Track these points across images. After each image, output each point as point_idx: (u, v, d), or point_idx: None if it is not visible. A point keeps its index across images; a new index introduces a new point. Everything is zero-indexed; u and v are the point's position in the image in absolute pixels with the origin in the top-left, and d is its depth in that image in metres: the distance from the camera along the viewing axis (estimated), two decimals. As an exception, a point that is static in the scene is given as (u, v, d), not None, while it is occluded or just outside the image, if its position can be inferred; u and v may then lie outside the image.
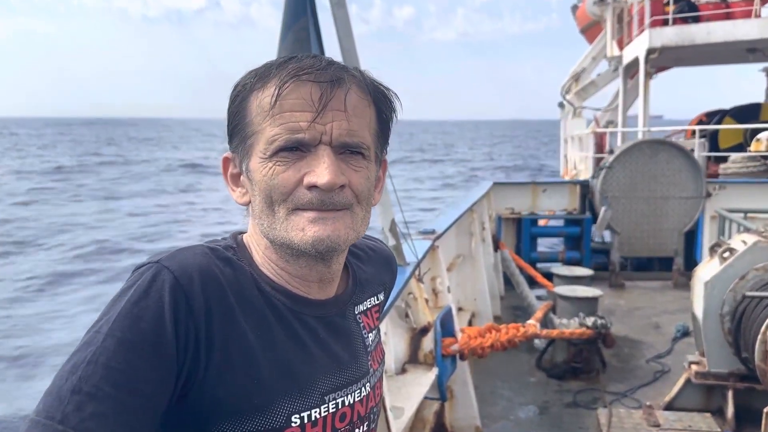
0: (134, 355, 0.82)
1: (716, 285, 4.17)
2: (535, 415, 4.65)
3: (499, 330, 4.19)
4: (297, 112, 0.92)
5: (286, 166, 0.93)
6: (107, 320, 0.85)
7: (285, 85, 0.92)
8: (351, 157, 0.95)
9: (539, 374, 5.32)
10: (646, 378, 5.18)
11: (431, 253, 4.08)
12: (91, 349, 0.82)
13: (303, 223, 0.93)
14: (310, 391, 0.96)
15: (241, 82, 0.98)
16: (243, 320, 0.92)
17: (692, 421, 4.18)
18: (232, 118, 0.98)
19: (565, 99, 14.03)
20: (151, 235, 17.86)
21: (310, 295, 1.02)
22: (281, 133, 0.92)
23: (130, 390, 0.81)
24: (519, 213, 8.48)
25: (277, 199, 0.94)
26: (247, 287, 0.96)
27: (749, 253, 4.13)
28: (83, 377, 0.80)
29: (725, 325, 4.15)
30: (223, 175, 1.03)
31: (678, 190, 8.08)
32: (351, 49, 2.91)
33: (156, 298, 0.86)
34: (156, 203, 24.73)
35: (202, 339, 0.88)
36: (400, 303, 3.46)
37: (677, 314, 6.60)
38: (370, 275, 1.17)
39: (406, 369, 3.42)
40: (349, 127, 0.94)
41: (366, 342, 1.10)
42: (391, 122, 1.03)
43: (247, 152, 0.96)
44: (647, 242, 8.21)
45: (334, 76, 0.94)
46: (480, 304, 6.00)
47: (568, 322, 5.23)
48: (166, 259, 0.91)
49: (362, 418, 1.05)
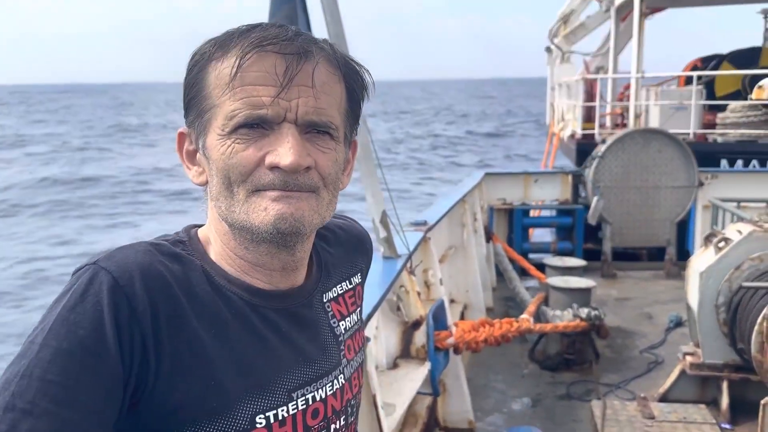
0: (72, 365, 0.75)
1: (711, 275, 4.12)
2: (528, 408, 4.60)
3: (492, 324, 4.14)
4: (259, 86, 0.84)
5: (246, 144, 0.85)
6: (42, 329, 0.77)
7: (247, 55, 0.84)
8: (318, 137, 0.88)
9: (532, 366, 5.27)
10: (640, 369, 5.15)
11: (423, 244, 4.01)
12: (24, 362, 0.75)
13: (265, 203, 0.86)
14: (274, 389, 0.89)
15: (200, 50, 0.89)
16: (194, 319, 0.85)
17: (687, 412, 4.15)
18: (189, 89, 0.90)
19: (552, 43, 13.36)
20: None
21: (273, 285, 0.94)
22: (241, 108, 0.84)
23: (70, 404, 0.73)
24: (511, 204, 8.43)
25: (235, 180, 0.86)
26: (198, 283, 0.88)
27: (745, 242, 4.09)
28: (17, 393, 0.72)
29: (720, 315, 4.11)
30: (177, 152, 0.95)
31: (670, 180, 8.04)
32: (339, 35, 2.83)
33: (93, 302, 0.78)
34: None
35: (150, 342, 0.80)
36: (391, 296, 3.38)
37: (670, 304, 6.57)
38: (338, 258, 1.09)
39: (398, 364, 3.36)
40: (316, 104, 0.86)
41: (336, 331, 1.02)
42: (362, 101, 0.95)
43: (204, 128, 0.88)
44: (639, 232, 8.18)
45: (301, 48, 0.85)
46: (472, 295, 5.94)
47: (562, 313, 5.19)
48: (103, 259, 0.83)
49: (338, 412, 0.98)
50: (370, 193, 3.19)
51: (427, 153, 35.19)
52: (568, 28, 13.24)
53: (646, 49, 11.16)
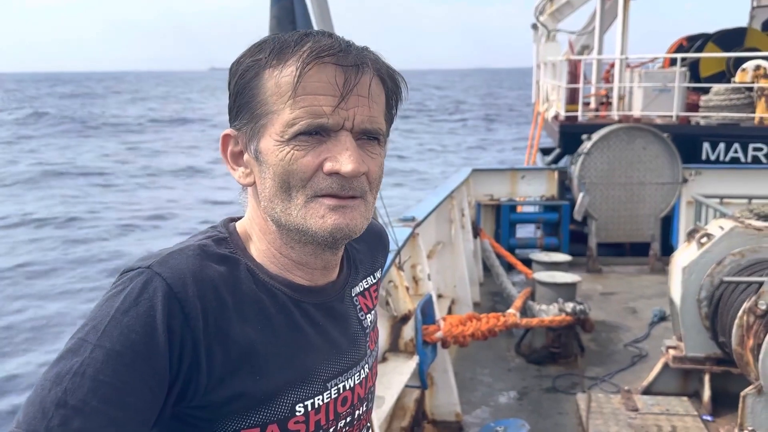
0: (124, 367, 0.78)
1: (694, 270, 4.20)
2: (514, 401, 4.67)
3: (479, 319, 4.20)
4: (320, 95, 0.88)
5: (306, 150, 0.89)
6: (94, 328, 0.80)
7: (307, 66, 0.88)
8: (368, 143, 0.93)
9: (518, 360, 5.34)
10: (624, 362, 5.23)
11: (411, 240, 4.06)
12: (77, 360, 0.78)
13: (323, 211, 0.91)
14: (313, 380, 0.95)
15: (249, 56, 0.93)
16: (242, 318, 0.90)
17: (670, 404, 4.23)
18: (240, 94, 0.93)
19: (538, 21, 13.25)
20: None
21: (312, 281, 0.99)
22: (303, 116, 0.88)
23: (119, 404, 0.77)
24: (498, 199, 8.49)
25: (295, 185, 0.90)
26: (244, 282, 0.92)
27: (726, 238, 4.17)
28: (69, 389, 0.76)
29: (702, 309, 4.19)
30: (222, 153, 0.98)
31: (655, 176, 8.14)
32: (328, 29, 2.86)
33: (147, 307, 0.82)
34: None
35: (201, 345, 0.85)
36: (380, 291, 3.42)
37: (654, 299, 6.66)
38: (363, 254, 1.15)
39: (387, 357, 3.41)
40: (370, 113, 0.91)
41: (364, 324, 1.09)
42: (397, 107, 1.01)
43: (257, 132, 0.92)
44: (624, 228, 8.27)
45: (357, 60, 0.90)
46: (460, 290, 6.00)
47: (547, 308, 5.26)
48: (157, 264, 0.86)
49: (362, 399, 1.05)
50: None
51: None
52: (554, 6, 13.13)
53: (631, 29, 11.12)
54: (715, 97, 9.41)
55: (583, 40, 13.70)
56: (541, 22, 13.13)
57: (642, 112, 9.80)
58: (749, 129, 9.06)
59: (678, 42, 12.87)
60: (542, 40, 13.28)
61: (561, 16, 13.32)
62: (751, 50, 10.69)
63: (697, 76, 11.02)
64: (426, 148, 32.06)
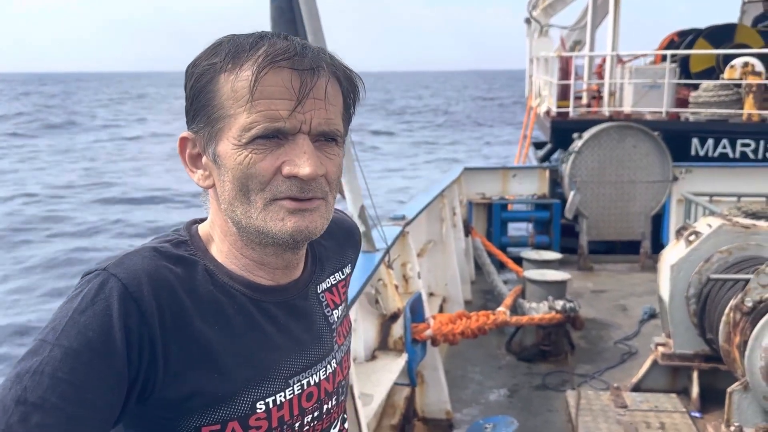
0: (81, 365, 0.80)
1: (682, 268, 4.23)
2: (505, 398, 4.69)
3: (469, 317, 4.21)
4: (276, 99, 0.89)
5: (264, 154, 0.90)
6: (53, 329, 0.82)
7: (263, 71, 0.89)
8: (326, 144, 0.94)
9: (509, 357, 5.36)
10: (614, 360, 5.26)
11: (401, 239, 4.07)
12: (36, 359, 0.80)
13: (283, 214, 0.92)
14: (273, 377, 0.97)
15: (205, 59, 0.94)
16: (199, 318, 0.91)
17: (658, 401, 4.26)
18: (196, 98, 0.94)
19: (531, 16, 13.39)
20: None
21: (273, 281, 1.01)
22: (260, 120, 0.89)
23: (77, 401, 0.78)
24: (489, 198, 8.52)
25: (254, 188, 0.91)
26: (201, 283, 0.94)
27: (714, 236, 4.20)
28: (29, 387, 0.77)
29: (691, 307, 4.21)
30: (180, 155, 0.99)
31: (645, 175, 8.17)
32: (318, 31, 2.86)
33: (103, 306, 0.84)
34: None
35: (158, 343, 0.86)
36: (369, 289, 3.44)
37: (644, 297, 6.70)
38: (331, 250, 1.16)
39: (376, 356, 3.42)
40: (327, 116, 0.93)
41: (330, 320, 1.10)
42: (354, 107, 1.02)
43: (214, 136, 0.93)
44: (615, 226, 8.31)
45: (313, 64, 0.91)
46: (451, 289, 6.01)
47: (538, 305, 5.28)
48: (113, 266, 0.88)
49: (329, 393, 1.07)
50: (349, 188, 3.24)
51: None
52: (547, 1, 13.30)
53: (622, 24, 11.23)
54: (704, 93, 9.52)
55: (575, 36, 13.80)
56: (533, 17, 13.24)
57: (632, 108, 9.89)
58: (737, 125, 9.18)
59: (669, 37, 12.96)
60: (535, 35, 13.37)
61: (553, 12, 13.47)
62: (740, 46, 10.81)
63: (688, 71, 11.13)
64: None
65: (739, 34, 11.80)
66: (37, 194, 19.42)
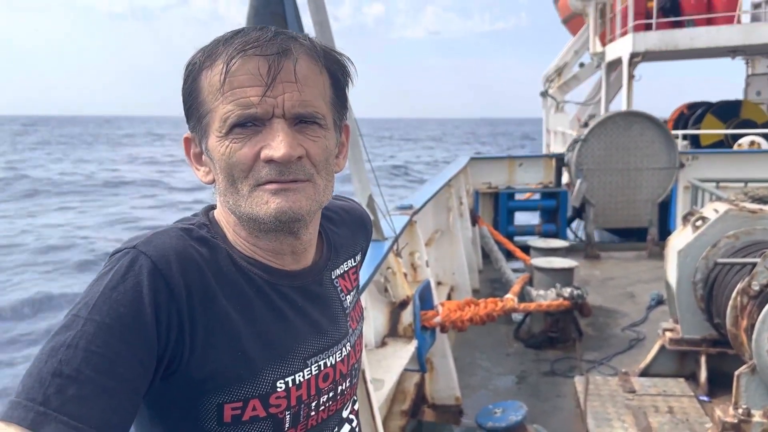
0: (114, 339, 0.83)
1: (689, 253, 4.25)
2: (513, 385, 4.73)
3: (477, 304, 4.24)
4: (247, 87, 0.92)
5: (242, 142, 0.93)
6: (86, 304, 0.85)
7: (232, 61, 0.92)
8: (307, 127, 0.96)
9: (517, 345, 5.40)
10: (622, 346, 5.29)
11: (409, 228, 4.10)
12: (70, 333, 0.83)
13: (266, 197, 0.95)
14: (292, 358, 1.00)
15: (191, 61, 0.97)
16: (223, 298, 0.94)
17: (666, 386, 4.28)
18: (186, 98, 0.98)
19: (547, 93, 14.31)
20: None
21: (285, 266, 1.03)
22: (233, 109, 0.92)
23: (110, 373, 0.82)
24: (496, 187, 8.54)
25: (238, 177, 0.95)
26: (224, 264, 0.97)
27: (721, 221, 4.21)
28: (64, 360, 0.80)
29: (698, 292, 4.23)
30: (186, 155, 1.04)
31: (651, 162, 8.18)
32: (324, 23, 2.88)
33: (134, 282, 0.87)
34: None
35: (185, 320, 0.90)
36: (379, 278, 3.47)
37: (651, 283, 6.72)
38: (344, 238, 1.19)
39: (386, 342, 3.45)
40: (301, 97, 0.94)
41: (344, 305, 1.13)
42: (347, 87, 1.03)
43: (204, 131, 0.97)
44: (622, 213, 8.32)
45: (280, 48, 0.93)
46: (458, 277, 6.05)
47: (545, 293, 5.31)
48: (142, 244, 0.91)
49: (344, 375, 1.10)
50: (357, 178, 3.27)
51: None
52: (561, 80, 14.26)
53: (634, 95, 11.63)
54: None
55: (589, 110, 14.53)
56: (550, 94, 14.25)
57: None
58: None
59: (679, 109, 13.83)
60: (551, 111, 14.33)
61: (568, 88, 14.53)
62: (746, 122, 11.72)
63: (698, 144, 11.75)
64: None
65: (744, 109, 12.54)
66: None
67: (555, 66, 14.36)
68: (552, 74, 14.38)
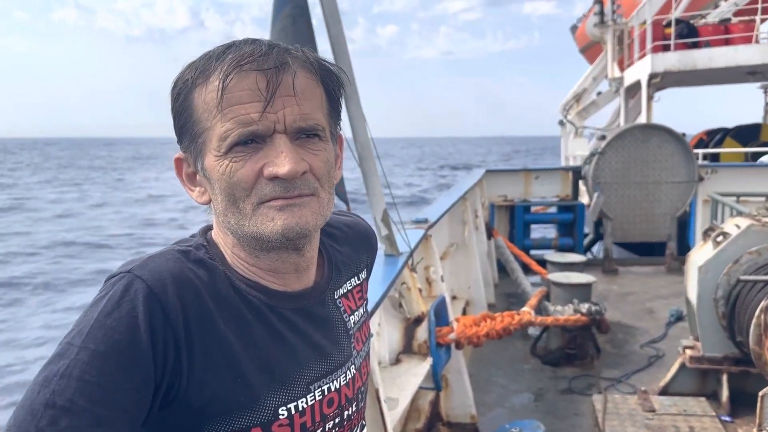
0: (109, 367, 0.80)
1: (710, 269, 4.16)
2: (530, 402, 4.65)
3: (494, 318, 4.17)
4: (245, 103, 0.89)
5: (244, 161, 0.90)
6: (80, 332, 0.83)
7: (228, 77, 0.89)
8: (308, 141, 0.93)
9: (534, 361, 5.32)
10: (641, 363, 5.19)
11: (424, 242, 4.06)
12: (64, 362, 0.80)
13: (272, 213, 0.92)
14: (294, 383, 0.96)
15: (181, 77, 0.94)
16: (221, 322, 0.91)
17: (687, 405, 4.19)
18: (178, 117, 0.95)
19: (566, 119, 14.45)
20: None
21: (287, 287, 1.00)
22: (233, 127, 0.89)
23: (105, 403, 0.79)
24: (512, 200, 8.48)
25: (240, 196, 0.91)
26: (222, 287, 0.94)
27: (742, 236, 4.12)
28: (57, 391, 0.78)
29: (719, 309, 4.14)
30: (177, 176, 1.00)
31: (670, 175, 8.08)
32: (339, 35, 2.87)
33: (129, 308, 0.84)
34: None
35: (182, 345, 0.86)
36: (393, 293, 3.43)
37: (671, 299, 6.61)
38: (347, 256, 1.15)
39: (401, 359, 3.40)
40: (301, 111, 0.91)
41: (347, 325, 1.09)
42: (340, 98, 1.01)
43: (199, 151, 0.94)
44: (640, 227, 8.22)
45: (278, 62, 0.90)
46: (474, 292, 5.98)
47: (563, 308, 5.23)
48: (137, 268, 0.88)
49: (350, 399, 1.06)
50: (372, 192, 3.24)
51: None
52: (580, 106, 14.39)
53: (660, 115, 11.84)
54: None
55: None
56: (568, 120, 14.37)
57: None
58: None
59: (698, 136, 13.96)
60: (570, 136, 14.42)
61: (587, 114, 14.63)
62: (765, 145, 11.72)
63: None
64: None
65: (764, 133, 12.64)
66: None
67: (573, 92, 14.52)
68: (570, 101, 14.53)
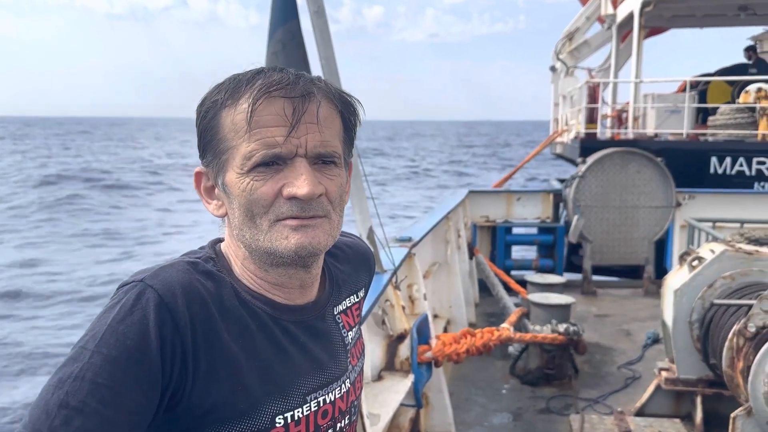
0: (120, 371, 0.86)
1: (685, 293, 4.26)
2: (509, 422, 4.69)
3: (474, 335, 4.23)
4: (272, 127, 0.95)
5: (264, 180, 0.97)
6: (93, 337, 0.88)
7: (258, 102, 0.95)
8: (325, 166, 1.00)
9: (513, 381, 5.37)
10: (618, 384, 5.27)
11: (408, 260, 4.11)
12: (77, 365, 0.85)
13: (287, 232, 0.98)
14: (292, 393, 1.01)
15: (210, 98, 1.01)
16: (226, 331, 0.96)
17: (662, 426, 4.26)
18: (204, 134, 1.01)
19: (558, 58, 14.22)
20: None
21: (291, 301, 1.06)
22: (258, 148, 0.95)
23: (116, 405, 0.84)
24: (494, 221, 8.57)
25: (258, 212, 0.98)
26: (228, 299, 0.99)
27: (717, 261, 4.23)
28: (70, 392, 0.83)
29: (694, 332, 4.24)
30: (196, 189, 1.07)
31: (648, 200, 8.24)
32: (330, 57, 2.94)
33: (140, 316, 0.89)
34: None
35: (189, 353, 0.92)
36: (377, 310, 3.47)
37: (647, 321, 6.71)
38: (347, 274, 1.22)
39: (383, 376, 3.44)
40: (321, 138, 0.98)
41: (345, 341, 1.15)
42: (355, 128, 1.08)
43: (222, 167, 1.00)
44: (618, 251, 8.35)
45: (304, 91, 0.98)
46: (455, 311, 6.04)
47: (541, 328, 5.30)
48: (149, 277, 0.94)
49: (343, 412, 1.11)
50: (358, 210, 3.29)
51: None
52: (572, 45, 14.21)
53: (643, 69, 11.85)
54: (721, 116, 10.11)
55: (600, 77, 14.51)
56: (560, 59, 14.17)
57: (655, 130, 10.38)
58: (753, 144, 9.65)
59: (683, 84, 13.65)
60: (561, 77, 14.27)
61: (579, 55, 14.42)
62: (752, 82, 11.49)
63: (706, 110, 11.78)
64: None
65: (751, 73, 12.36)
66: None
67: (566, 32, 14.25)
68: (562, 41, 14.23)
